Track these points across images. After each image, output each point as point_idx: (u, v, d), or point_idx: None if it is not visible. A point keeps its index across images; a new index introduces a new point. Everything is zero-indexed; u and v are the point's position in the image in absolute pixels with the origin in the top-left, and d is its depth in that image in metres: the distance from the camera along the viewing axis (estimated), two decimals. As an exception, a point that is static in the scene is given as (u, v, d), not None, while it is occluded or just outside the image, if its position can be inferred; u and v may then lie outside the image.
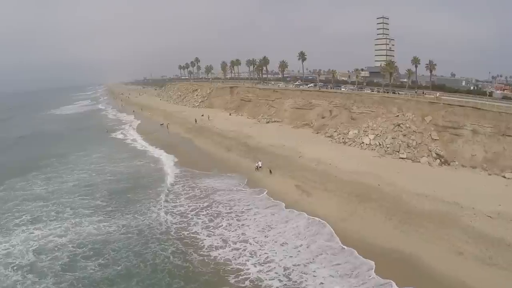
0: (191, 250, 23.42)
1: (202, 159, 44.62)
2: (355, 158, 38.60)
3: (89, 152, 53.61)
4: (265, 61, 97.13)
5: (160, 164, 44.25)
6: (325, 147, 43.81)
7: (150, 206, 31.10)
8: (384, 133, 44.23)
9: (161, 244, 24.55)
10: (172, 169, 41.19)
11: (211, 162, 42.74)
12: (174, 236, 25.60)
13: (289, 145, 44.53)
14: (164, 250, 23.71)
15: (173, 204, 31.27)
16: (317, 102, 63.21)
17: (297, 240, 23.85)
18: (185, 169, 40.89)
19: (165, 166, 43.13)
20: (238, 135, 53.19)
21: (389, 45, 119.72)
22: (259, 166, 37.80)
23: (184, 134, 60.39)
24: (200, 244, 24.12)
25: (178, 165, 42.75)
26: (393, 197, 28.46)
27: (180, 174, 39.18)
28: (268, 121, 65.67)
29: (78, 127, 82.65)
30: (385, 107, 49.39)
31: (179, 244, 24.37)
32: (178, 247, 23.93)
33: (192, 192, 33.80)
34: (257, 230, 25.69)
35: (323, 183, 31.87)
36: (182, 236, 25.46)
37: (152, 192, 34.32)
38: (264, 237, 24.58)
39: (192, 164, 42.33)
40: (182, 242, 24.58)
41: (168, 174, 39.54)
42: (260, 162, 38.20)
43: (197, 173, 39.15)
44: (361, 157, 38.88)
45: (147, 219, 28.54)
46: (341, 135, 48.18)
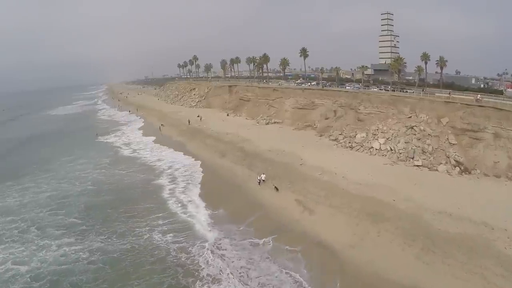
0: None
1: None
2: (364, 165, 34.21)
3: (75, 157, 49.73)
4: (265, 58, 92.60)
5: (146, 173, 40.01)
6: (330, 152, 39.42)
7: (131, 225, 26.95)
8: (395, 137, 39.76)
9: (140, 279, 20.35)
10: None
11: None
12: (159, 267, 21.41)
13: (289, 150, 40.21)
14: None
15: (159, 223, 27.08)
16: (320, 101, 58.80)
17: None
18: (171, 178, 36.82)
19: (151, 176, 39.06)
20: (235, 138, 48.93)
21: (393, 41, 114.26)
22: (262, 180, 32.23)
23: (177, 137, 56.29)
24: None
25: (166, 174, 38.77)
26: (412, 217, 24.08)
27: (170, 186, 35.14)
28: (268, 122, 61.40)
29: (70, 129, 78.94)
30: (395, 107, 44.88)
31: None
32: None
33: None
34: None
35: (328, 197, 27.54)
36: (174, 268, 21.26)
37: (135, 208, 30.05)
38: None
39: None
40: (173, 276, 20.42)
41: (152, 184, 35.47)
42: (263, 175, 32.57)
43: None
44: (370, 165, 34.49)
45: (126, 243, 24.41)
46: (347, 138, 43.73)
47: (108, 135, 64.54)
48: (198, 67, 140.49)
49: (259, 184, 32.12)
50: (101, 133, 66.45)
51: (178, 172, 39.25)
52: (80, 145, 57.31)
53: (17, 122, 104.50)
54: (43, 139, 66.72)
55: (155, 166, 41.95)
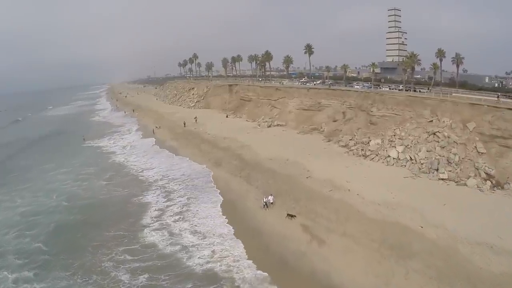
0: None
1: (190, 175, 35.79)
2: (381, 179, 29.22)
3: (58, 165, 45.26)
4: (267, 56, 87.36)
5: (130, 187, 34.76)
6: (340, 161, 34.42)
7: (100, 257, 22.16)
8: (415, 144, 34.68)
9: None
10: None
11: (192, 181, 33.79)
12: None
13: (293, 159, 35.32)
14: None
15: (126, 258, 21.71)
16: (327, 102, 53.83)
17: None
18: (159, 192, 32.12)
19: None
20: (233, 143, 44.10)
21: (401, 38, 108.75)
22: (269, 203, 25.88)
23: (170, 141, 51.60)
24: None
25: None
26: (445, 250, 19.14)
27: (154, 199, 30.42)
28: (270, 125, 56.53)
29: (61, 131, 74.49)
30: (413, 110, 39.76)
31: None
32: None
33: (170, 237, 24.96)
34: None
35: (341, 223, 22.58)
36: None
37: (105, 236, 24.67)
38: None
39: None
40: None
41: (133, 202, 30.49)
42: (271, 197, 26.11)
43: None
44: (388, 178, 29.49)
45: (92, 284, 19.68)
46: (359, 145, 38.66)
47: (98, 139, 59.98)
48: (199, 65, 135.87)
49: (265, 207, 25.85)
50: (91, 137, 61.87)
51: (163, 185, 34.34)
52: (66, 151, 52.90)
53: (10, 123, 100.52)
54: (28, 144, 62.08)
55: (142, 177, 37.16)
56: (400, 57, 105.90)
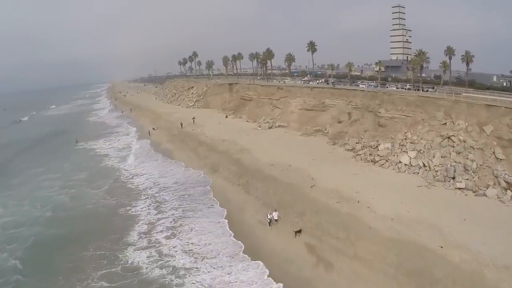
0: None
1: (186, 182, 33.24)
2: (393, 188, 26.54)
3: (48, 169, 42.95)
4: (268, 54, 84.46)
5: (120, 196, 32.16)
6: (347, 168, 31.71)
7: (74, 281, 19.39)
8: (429, 149, 31.91)
9: None
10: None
11: (187, 190, 31.20)
12: None
13: (296, 165, 32.67)
14: None
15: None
16: (332, 102, 51.10)
17: None
18: (150, 202, 29.60)
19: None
20: (231, 147, 41.45)
21: (406, 36, 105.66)
22: (273, 219, 23.08)
23: (166, 143, 49.01)
24: None
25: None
26: (470, 276, 16.51)
27: (144, 211, 27.89)
28: (271, 126, 53.86)
29: (56, 132, 72.02)
30: (425, 111, 36.98)
31: None
32: None
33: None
34: None
35: (351, 242, 19.95)
36: None
37: (83, 256, 21.90)
38: None
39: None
40: None
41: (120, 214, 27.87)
42: (275, 213, 23.22)
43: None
44: (401, 187, 26.81)
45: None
46: (367, 149, 35.92)
47: (92, 141, 57.56)
48: (200, 64, 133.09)
49: (269, 225, 23.01)
50: (85, 139, 59.46)
51: (155, 194, 31.70)
52: (58, 154, 50.50)
53: (4, 123, 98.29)
54: (20, 146, 59.61)
55: (132, 185, 34.53)
56: (405, 55, 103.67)
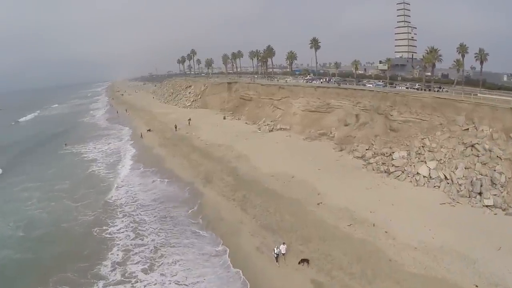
0: None
1: (170, 199, 29.36)
2: (412, 206, 22.79)
3: (29, 177, 39.28)
4: (269, 51, 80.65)
5: (99, 212, 27.98)
6: (358, 180, 27.84)
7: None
8: (450, 159, 28.09)
9: None
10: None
11: (175, 209, 27.27)
12: None
13: (300, 176, 28.90)
14: None
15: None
16: (337, 102, 47.33)
17: None
18: (132, 219, 25.87)
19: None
20: (228, 153, 37.73)
21: (411, 33, 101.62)
22: (281, 253, 18.49)
23: (158, 148, 45.16)
24: None
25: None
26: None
27: (122, 233, 24.12)
28: (272, 129, 50.12)
29: (46, 133, 67.93)
30: (442, 115, 33.22)
31: None
32: None
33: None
34: None
35: (368, 280, 16.14)
36: None
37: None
38: None
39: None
40: None
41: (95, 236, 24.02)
42: (283, 247, 18.56)
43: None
44: (422, 205, 23.04)
45: None
46: (379, 157, 32.07)
47: (81, 144, 53.62)
48: (199, 62, 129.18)
49: (276, 260, 18.41)
50: (74, 141, 55.73)
51: (138, 210, 27.61)
52: (43, 159, 46.83)
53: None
54: (7, 147, 56.18)
55: (116, 198, 30.47)
56: (410, 53, 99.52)
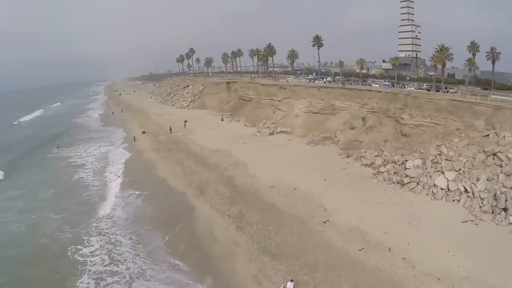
0: None
1: (154, 216, 26.16)
2: (431, 225, 19.94)
3: (12, 183, 36.53)
4: (270, 50, 77.66)
5: (78, 227, 24.98)
6: (369, 193, 24.94)
7: None
8: (470, 169, 25.22)
9: None
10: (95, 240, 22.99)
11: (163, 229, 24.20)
12: None
13: (304, 188, 26.07)
14: None
15: None
16: (342, 104, 44.55)
17: None
18: (108, 239, 23.03)
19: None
20: (224, 159, 34.86)
21: (415, 32, 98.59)
22: None
23: (150, 152, 42.29)
24: None
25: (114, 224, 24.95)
26: None
27: (96, 257, 21.20)
28: (272, 132, 47.28)
29: (36, 136, 64.98)
30: (459, 119, 30.33)
31: None
32: None
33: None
34: None
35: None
36: None
37: None
38: None
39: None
40: None
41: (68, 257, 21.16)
42: (291, 284, 15.95)
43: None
44: (441, 224, 20.18)
45: None
46: (390, 165, 29.15)
47: (71, 147, 50.49)
48: (198, 61, 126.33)
49: None
50: (65, 144, 52.87)
51: (118, 229, 24.41)
52: (30, 163, 43.95)
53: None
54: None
55: (97, 210, 27.41)
56: (414, 52, 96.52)
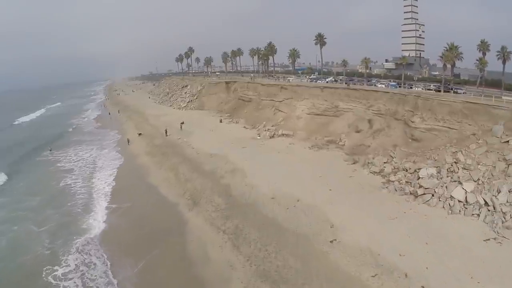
0: None
1: (138, 233, 23.65)
2: (451, 245, 17.62)
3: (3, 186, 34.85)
4: (271, 48, 75.33)
5: (54, 240, 22.99)
6: (380, 206, 22.49)
7: None
8: (489, 179, 22.84)
9: None
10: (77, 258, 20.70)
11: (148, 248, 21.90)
12: None
13: (308, 199, 23.70)
14: None
15: None
16: (347, 105, 42.24)
17: None
18: (83, 259, 20.75)
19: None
20: (221, 165, 32.47)
21: (419, 31, 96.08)
22: None
23: (144, 157, 40.00)
24: None
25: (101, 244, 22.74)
26: None
27: (68, 281, 18.84)
28: (273, 134, 44.93)
29: (28, 138, 62.65)
30: (475, 123, 27.89)
31: None
32: None
33: None
34: None
35: None
36: None
37: None
38: None
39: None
40: None
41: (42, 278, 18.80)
42: None
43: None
44: (462, 242, 17.86)
45: None
46: (401, 173, 26.75)
47: (61, 150, 48.01)
48: (198, 61, 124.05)
49: None
50: (56, 146, 50.71)
51: (90, 243, 22.39)
52: (17, 168, 41.72)
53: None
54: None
55: (75, 226, 24.84)
56: (417, 52, 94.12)
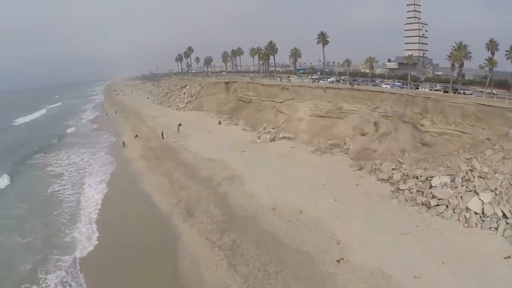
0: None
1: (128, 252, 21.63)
2: (470, 264, 15.83)
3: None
4: (271, 48, 73.49)
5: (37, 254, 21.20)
6: (390, 219, 20.55)
7: None
8: (507, 188, 20.97)
9: None
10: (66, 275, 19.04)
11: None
12: None
13: (311, 210, 21.83)
14: None
15: None
16: (351, 107, 40.39)
17: None
18: (62, 278, 19.00)
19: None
20: (218, 171, 30.59)
21: (422, 30, 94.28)
22: None
23: (139, 161, 38.19)
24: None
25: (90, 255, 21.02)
26: None
27: (56, 281, 17.27)
28: (274, 137, 43.12)
29: (28, 138, 61.07)
30: (489, 127, 25.99)
31: None
32: None
33: None
34: None
35: None
36: None
37: None
38: None
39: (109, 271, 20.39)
40: None
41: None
42: None
43: None
44: (481, 260, 16.05)
45: None
46: (411, 181, 24.88)
47: (53, 153, 46.32)
48: (198, 60, 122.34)
49: None
50: (48, 150, 48.97)
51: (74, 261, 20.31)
52: (18, 167, 40.28)
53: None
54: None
55: (59, 239, 23.01)
56: (420, 51, 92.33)
